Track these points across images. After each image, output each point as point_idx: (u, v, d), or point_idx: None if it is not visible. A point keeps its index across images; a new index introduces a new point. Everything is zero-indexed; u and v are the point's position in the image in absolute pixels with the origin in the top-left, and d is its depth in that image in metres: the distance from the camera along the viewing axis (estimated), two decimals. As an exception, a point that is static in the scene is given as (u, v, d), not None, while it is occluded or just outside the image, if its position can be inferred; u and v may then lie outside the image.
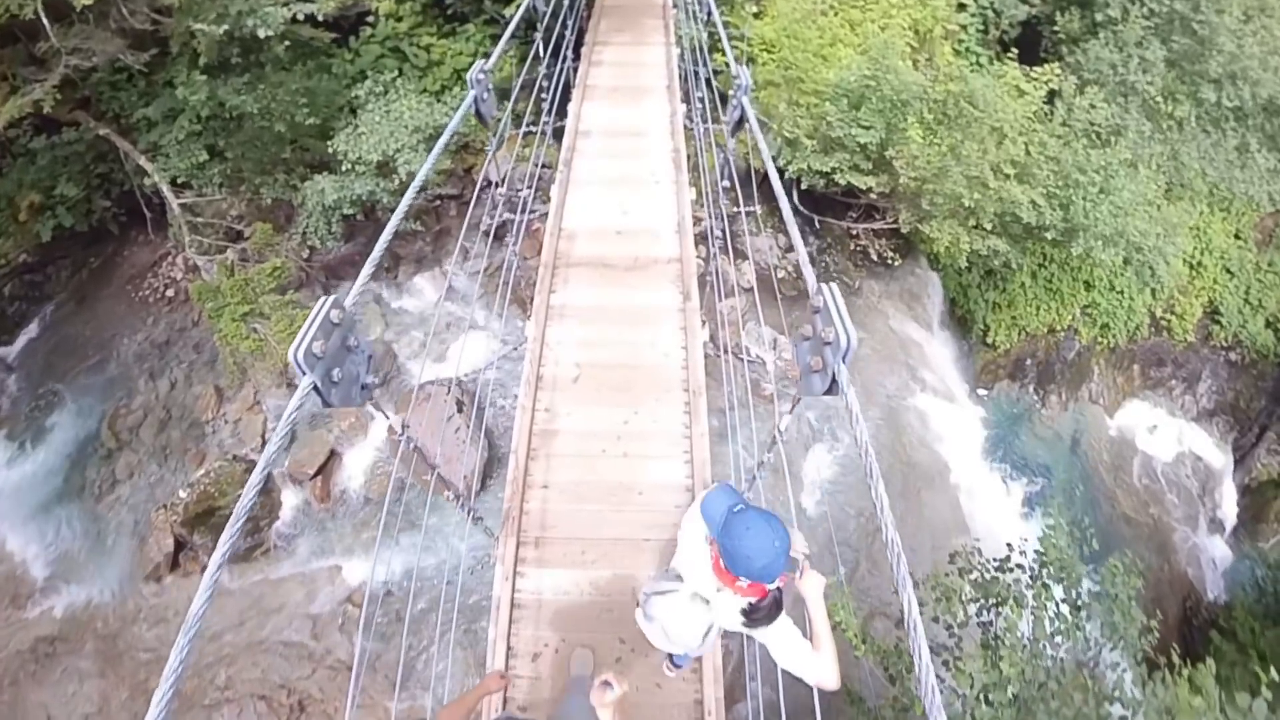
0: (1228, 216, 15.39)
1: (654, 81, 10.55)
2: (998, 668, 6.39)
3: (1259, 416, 17.73)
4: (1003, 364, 15.36)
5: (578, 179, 8.48)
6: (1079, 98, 12.05)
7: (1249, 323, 16.33)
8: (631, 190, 8.42)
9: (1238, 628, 13.85)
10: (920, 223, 11.97)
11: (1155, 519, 15.81)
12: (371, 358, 2.76)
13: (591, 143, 9.14)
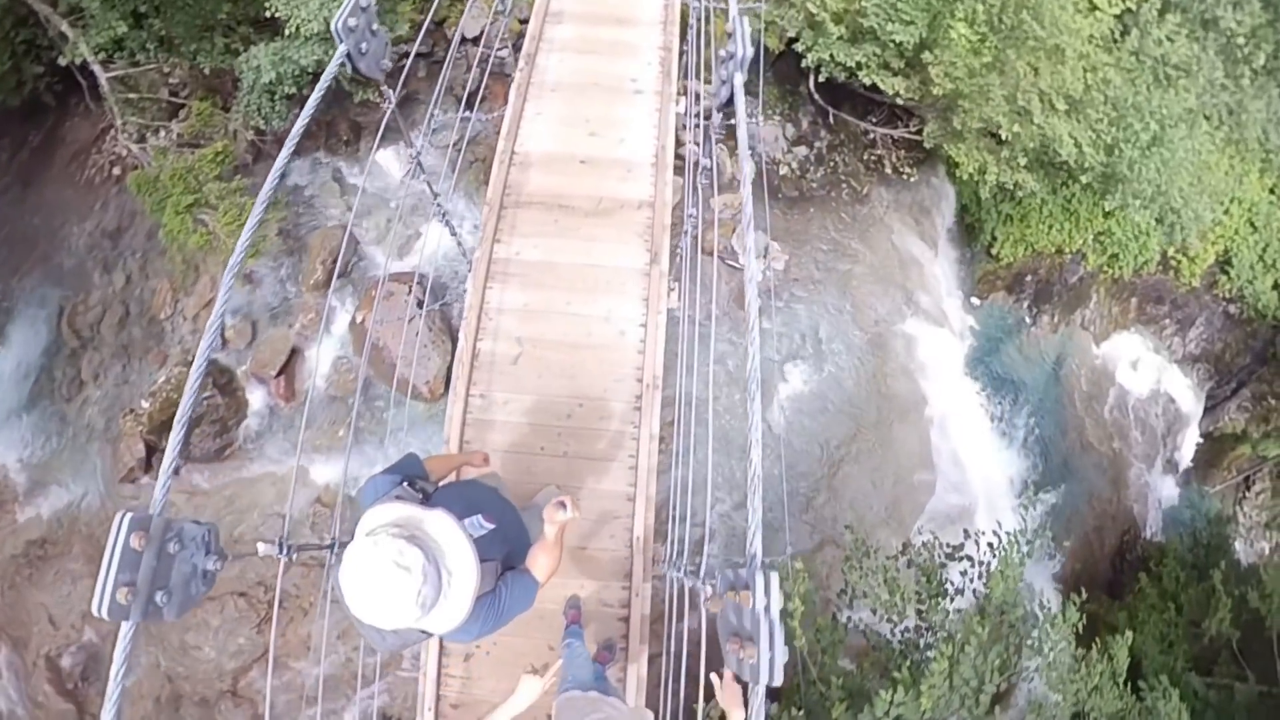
0: (1268, 169, 13.26)
1: None
2: (919, 700, 5.54)
3: (1239, 372, 16.93)
4: (1003, 277, 13.92)
5: (540, 82, 6.54)
6: (1158, 26, 9.53)
7: (1257, 280, 14.88)
8: (606, 100, 6.54)
9: (1165, 574, 13.48)
10: (946, 140, 9.94)
11: (1115, 452, 15.03)
12: (388, 44, 3.24)
13: (562, 30, 7.07)
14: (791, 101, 10.90)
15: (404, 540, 1.95)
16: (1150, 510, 16.12)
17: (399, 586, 1.90)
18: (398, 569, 1.91)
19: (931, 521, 10.33)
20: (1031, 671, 6.63)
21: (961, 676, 5.90)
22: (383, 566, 1.91)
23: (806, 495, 9.67)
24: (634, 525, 5.00)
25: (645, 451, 5.10)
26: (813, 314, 9.95)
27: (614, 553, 4.99)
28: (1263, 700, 11.64)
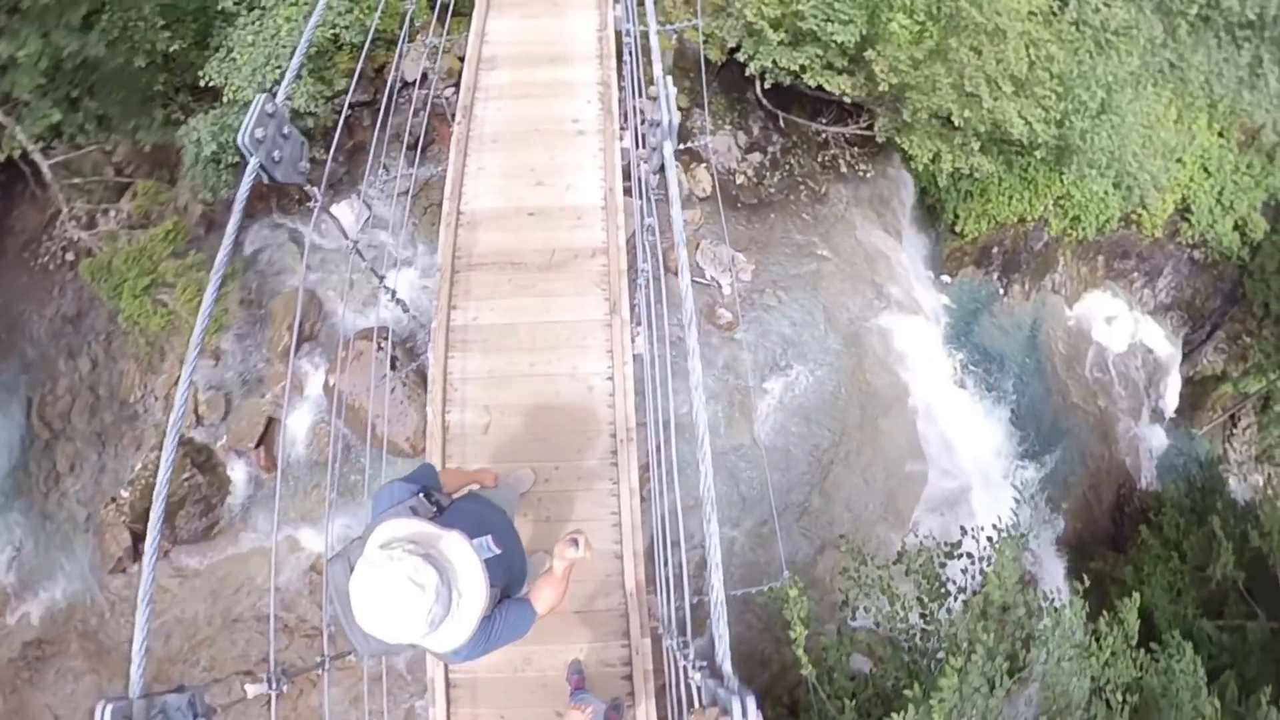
0: (1214, 116, 13.41)
1: None
2: (930, 715, 5.47)
3: (1212, 315, 17.07)
4: (969, 252, 13.92)
5: (479, 134, 6.37)
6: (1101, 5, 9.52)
7: (1218, 223, 15.03)
8: (549, 146, 6.39)
9: (1165, 523, 13.57)
10: (898, 133, 9.87)
11: (1101, 409, 15.09)
12: (304, 144, 3.06)
13: (497, 76, 6.89)
14: (740, 110, 10.79)
15: (420, 558, 1.97)
16: (1143, 461, 16.20)
17: (412, 604, 1.92)
18: (412, 586, 1.93)
19: (928, 510, 10.31)
20: (1041, 665, 6.56)
21: (971, 685, 5.83)
22: (398, 582, 1.93)
23: (800, 503, 9.59)
24: (625, 581, 4.89)
25: (627, 507, 4.99)
26: (785, 320, 9.86)
27: (609, 611, 4.89)
28: (1275, 636, 11.72)
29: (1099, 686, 7.05)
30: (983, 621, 6.35)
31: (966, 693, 5.81)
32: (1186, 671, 7.84)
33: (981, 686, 5.87)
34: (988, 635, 6.06)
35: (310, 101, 9.63)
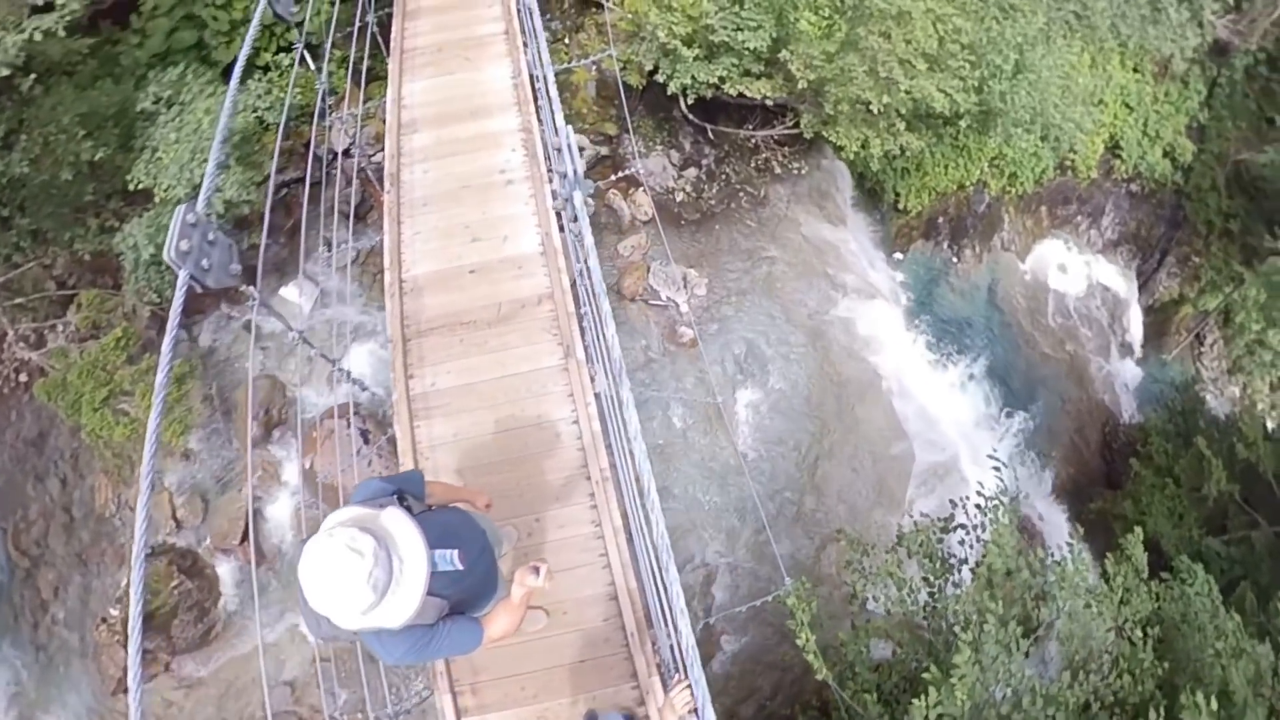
0: (1125, 53, 13.96)
1: (491, 27, 8.00)
2: (954, 694, 5.43)
3: (1159, 242, 17.38)
4: (916, 226, 14.12)
5: (410, 200, 6.35)
6: None
7: (1148, 154, 15.47)
8: (480, 201, 6.38)
9: (1154, 452, 13.71)
10: (823, 127, 9.98)
11: (1071, 354, 15.30)
12: (233, 246, 3.08)
13: (420, 138, 6.88)
14: (669, 128, 10.88)
15: (356, 529, 2.09)
16: (1121, 396, 16.44)
17: (351, 569, 2.01)
18: (350, 552, 2.03)
19: (921, 487, 10.34)
20: (1055, 620, 6.56)
21: (989, 655, 5.82)
22: (336, 550, 2.03)
23: (794, 503, 9.56)
24: (624, 622, 4.82)
25: (614, 547, 4.94)
26: (746, 328, 9.88)
27: (614, 655, 4.82)
28: None
29: (1118, 626, 7.06)
30: (989, 590, 6.34)
31: (986, 664, 5.79)
32: (1201, 594, 7.86)
33: (999, 655, 5.86)
34: (996, 604, 6.05)
35: (242, 190, 9.55)
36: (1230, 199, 17.14)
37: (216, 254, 3.07)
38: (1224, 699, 6.70)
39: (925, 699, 5.52)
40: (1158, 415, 15.24)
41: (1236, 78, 16.20)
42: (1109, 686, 6.45)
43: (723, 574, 8.66)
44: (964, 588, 7.04)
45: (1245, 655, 7.03)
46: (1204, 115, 16.09)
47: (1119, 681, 6.47)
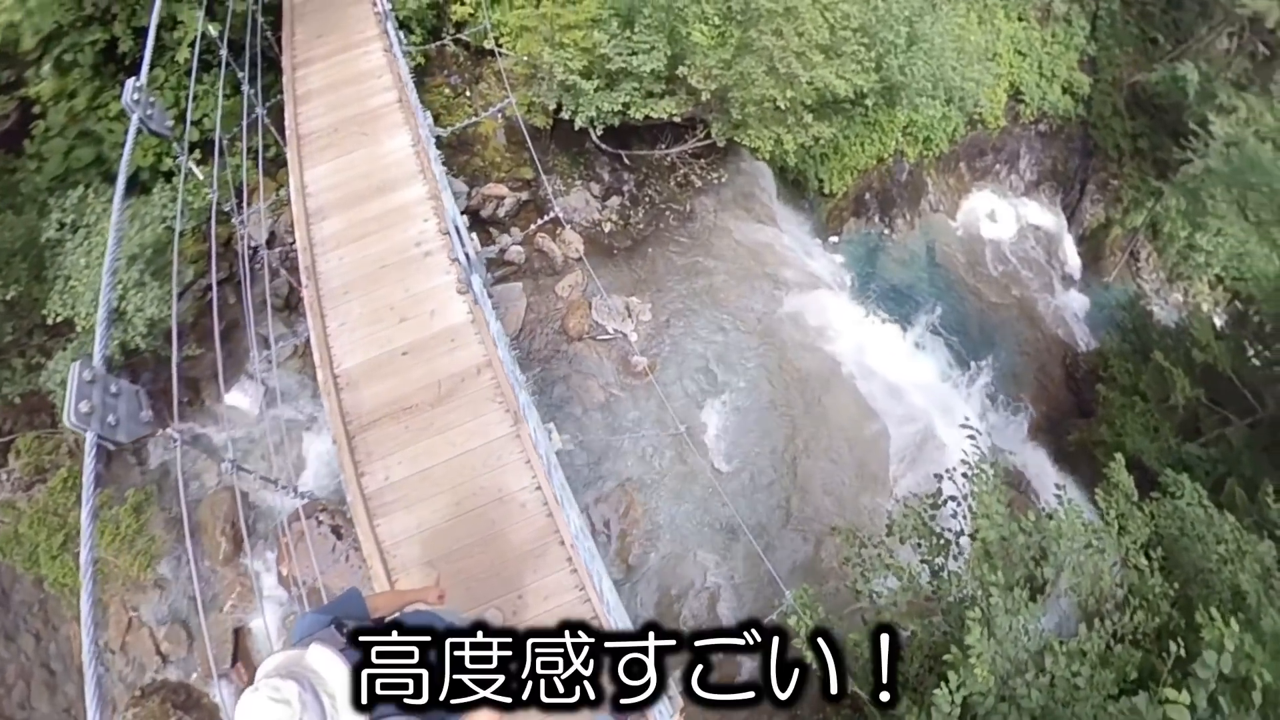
0: (1009, 6, 14.34)
1: (383, 98, 7.82)
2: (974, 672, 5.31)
3: (1077, 174, 17.78)
4: (844, 207, 14.22)
5: (330, 291, 6.10)
6: None
7: (1048, 94, 15.99)
8: (401, 278, 6.19)
9: (1116, 374, 13.88)
10: (736, 132, 9.96)
11: (1018, 297, 15.51)
12: (139, 391, 2.90)
13: (330, 225, 6.67)
14: (584, 162, 10.75)
15: (279, 678, 2.03)
16: (1073, 327, 16.70)
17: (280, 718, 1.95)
18: (274, 704, 1.97)
19: (902, 463, 10.27)
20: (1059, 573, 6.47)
21: (1001, 627, 5.71)
22: (261, 705, 1.97)
23: (780, 507, 9.38)
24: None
25: (604, 606, 4.70)
26: (698, 344, 9.75)
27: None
28: (1254, 429, 12.04)
29: (1123, 558, 7.02)
30: (988, 562, 6.23)
31: (1000, 635, 5.68)
32: (1192, 503, 7.87)
33: (1011, 624, 5.75)
34: (996, 574, 5.94)
35: (163, 305, 9.16)
36: (1133, 120, 17.66)
37: (123, 405, 2.89)
38: (1238, 601, 6.70)
39: (947, 685, 5.38)
40: (1112, 338, 15.48)
41: (1114, 8, 16.73)
42: (1126, 624, 6.39)
43: (726, 593, 8.46)
44: (965, 559, 6.94)
45: (1248, 554, 7.05)
46: (1092, 48, 16.60)
47: (1135, 617, 6.41)
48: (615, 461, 8.56)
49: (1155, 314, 17.17)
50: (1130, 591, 6.83)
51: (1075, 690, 5.67)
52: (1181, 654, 5.21)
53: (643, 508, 8.37)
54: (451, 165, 11.02)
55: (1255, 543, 7.24)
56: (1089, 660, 5.95)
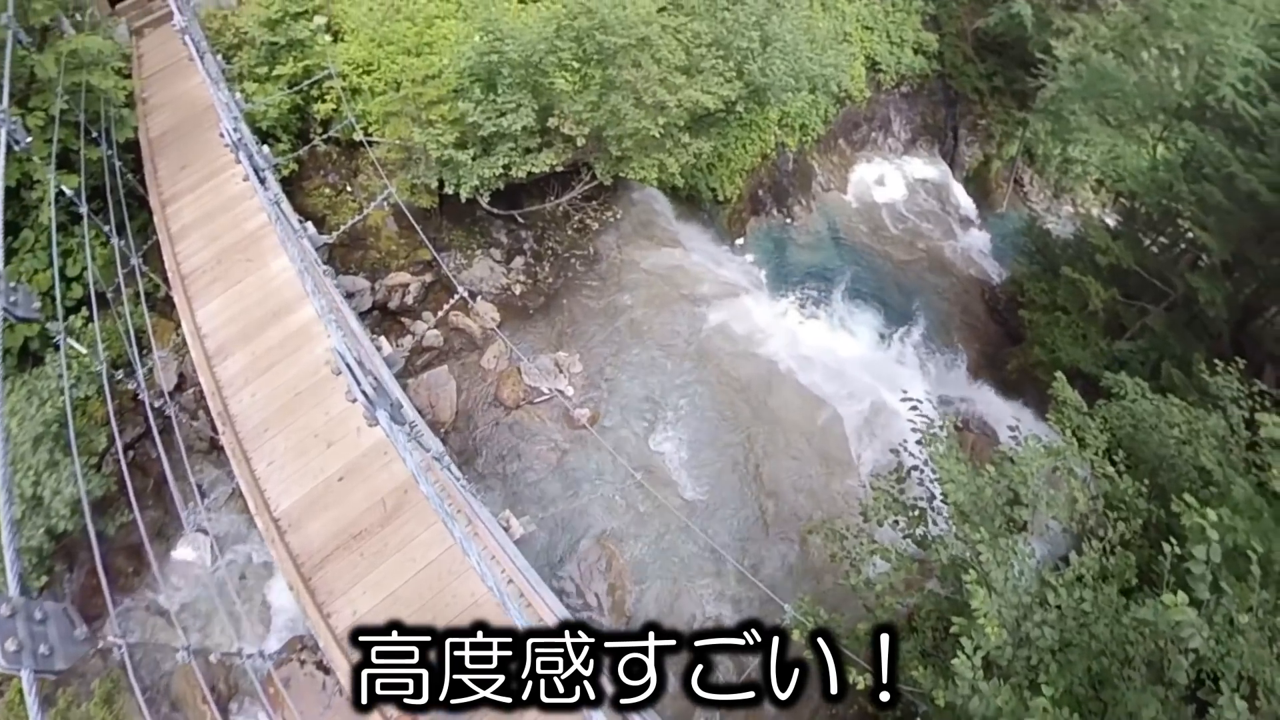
0: None
1: (259, 219, 7.64)
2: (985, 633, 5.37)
3: (947, 123, 18.66)
4: (741, 209, 14.56)
5: (248, 431, 5.83)
6: None
7: (902, 58, 16.75)
8: (318, 402, 6.11)
9: (1034, 296, 14.39)
10: (619, 166, 10.05)
11: (925, 249, 16.05)
12: (67, 609, 2.68)
13: (233, 363, 6.45)
14: (479, 230, 10.68)
15: None
16: (982, 263, 17.37)
17: None
18: None
19: (861, 440, 10.43)
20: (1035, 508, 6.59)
21: (999, 580, 5.77)
22: None
23: (756, 517, 9.35)
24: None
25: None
26: (635, 383, 9.76)
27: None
28: (1171, 311, 12.65)
29: (1091, 471, 7.21)
30: (966, 522, 6.32)
31: (1000, 588, 5.73)
32: (1136, 397, 8.21)
33: (1007, 574, 5.83)
34: (979, 532, 6.02)
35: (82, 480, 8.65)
36: (984, 62, 18.67)
37: (53, 630, 2.67)
38: (1205, 478, 6.95)
39: (964, 652, 5.37)
40: (1020, 263, 16.09)
41: None
42: (1112, 535, 6.56)
43: (728, 614, 8.36)
44: (944, 518, 7.01)
45: (1201, 431, 7.37)
46: (931, 6, 17.51)
47: (1118, 527, 6.59)
48: (585, 519, 8.41)
49: (1053, 230, 18.01)
50: (1107, 501, 7.02)
51: (1084, 615, 5.78)
52: (1177, 552, 5.33)
53: (624, 557, 8.23)
54: (348, 263, 10.78)
55: (1204, 418, 7.56)
56: (1087, 583, 6.06)
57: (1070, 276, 13.15)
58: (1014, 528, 6.69)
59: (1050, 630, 5.69)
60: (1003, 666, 5.62)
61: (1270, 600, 5.06)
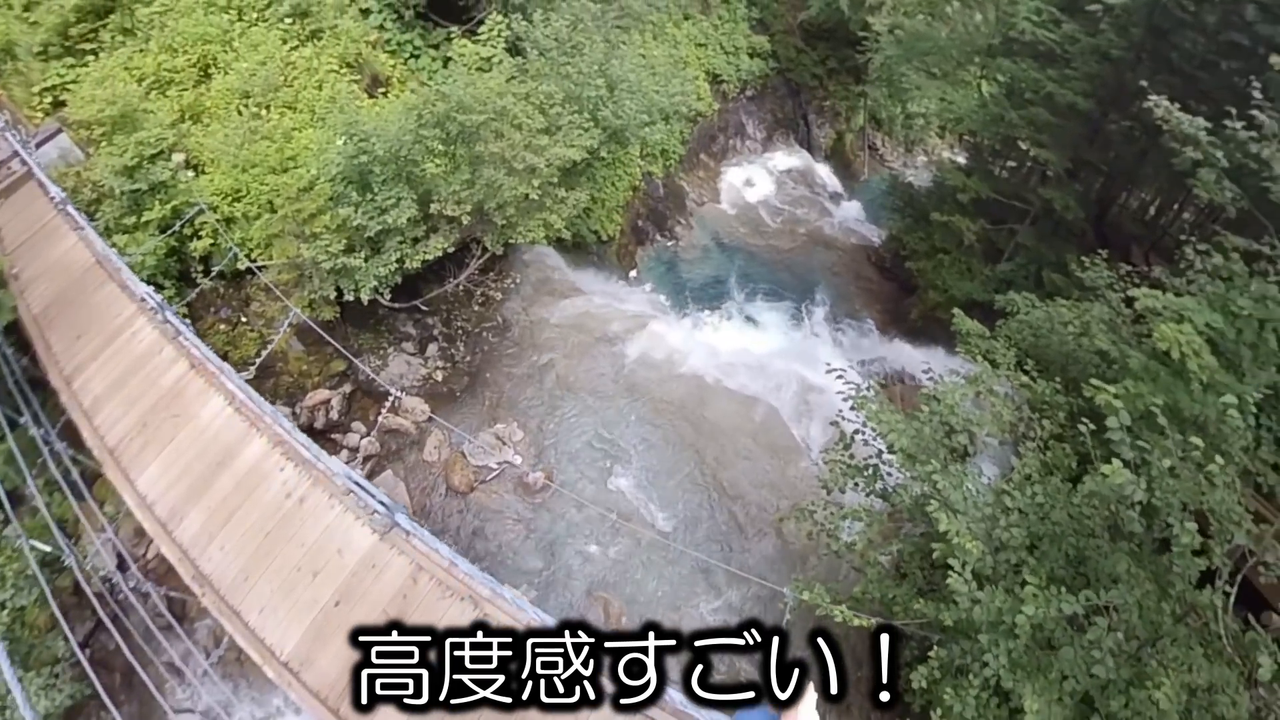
0: (668, 15, 16.54)
1: (174, 371, 7.64)
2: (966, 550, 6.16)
3: (796, 113, 20.72)
4: (627, 243, 15.52)
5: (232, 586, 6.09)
6: (543, 25, 11.24)
7: (740, 65, 18.48)
8: (290, 537, 6.40)
9: (913, 246, 15.93)
10: (507, 234, 10.75)
11: (806, 233, 17.45)
12: None
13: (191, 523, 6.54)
14: (387, 327, 11.05)
15: None
16: (861, 230, 19.05)
17: None
18: None
19: (801, 424, 11.33)
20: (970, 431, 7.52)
21: (959, 500, 6.64)
22: None
23: (728, 523, 10.00)
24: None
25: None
26: (575, 435, 10.40)
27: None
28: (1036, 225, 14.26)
29: (1010, 385, 8.21)
30: (915, 463, 7.17)
31: (962, 507, 6.56)
32: (1027, 309, 9.46)
33: (964, 494, 6.72)
34: (929, 463, 6.89)
35: (50, 693, 8.48)
36: (815, 50, 20.68)
37: None
38: (1105, 359, 8.08)
39: (954, 571, 6.08)
40: (894, 220, 17.68)
41: None
42: (1044, 433, 7.57)
43: (730, 617, 8.89)
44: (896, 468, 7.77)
45: (1091, 321, 8.59)
46: (756, 11, 19.32)
47: (1045, 425, 7.63)
48: (569, 578, 8.88)
49: (914, 182, 19.86)
50: (1031, 406, 8.08)
51: (1041, 507, 6.75)
52: (1092, 428, 6.33)
53: (618, 602, 8.72)
54: (263, 393, 10.84)
55: (1090, 309, 8.85)
56: (1035, 479, 7.03)
57: (940, 220, 14.66)
58: (958, 456, 7.63)
59: (1017, 530, 6.62)
60: (989, 575, 6.46)
61: (1183, 440, 5.99)
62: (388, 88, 12.23)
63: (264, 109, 10.81)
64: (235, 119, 10.50)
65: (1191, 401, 6.60)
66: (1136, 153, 13.37)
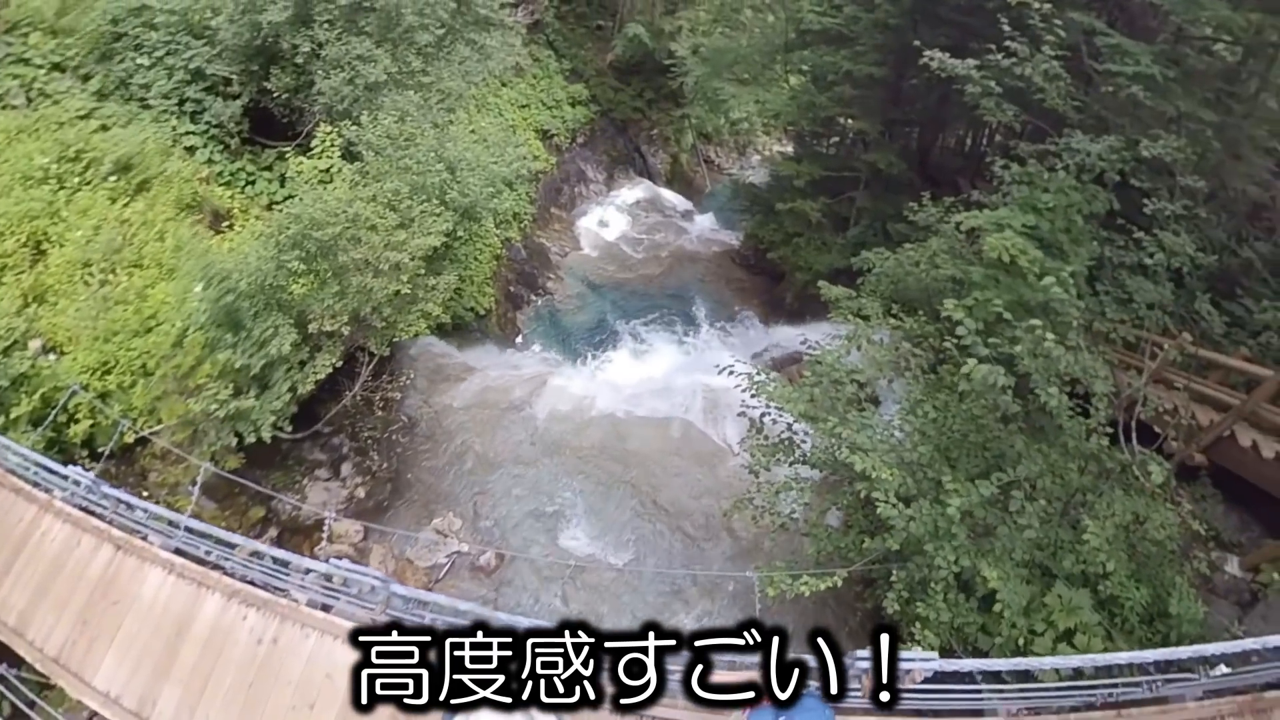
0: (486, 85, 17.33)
1: (101, 558, 7.53)
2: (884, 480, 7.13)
3: (628, 147, 22.95)
4: (504, 311, 16.39)
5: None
6: (373, 125, 11.85)
7: (565, 115, 20.47)
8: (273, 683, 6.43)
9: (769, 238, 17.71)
10: (388, 333, 11.37)
11: (670, 254, 19.19)
12: None
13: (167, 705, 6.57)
14: (295, 458, 11.19)
15: None
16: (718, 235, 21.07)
17: None
18: None
19: (719, 426, 12.37)
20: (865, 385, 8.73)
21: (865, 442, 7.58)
22: None
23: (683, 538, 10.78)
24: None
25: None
26: (510, 505, 10.95)
27: None
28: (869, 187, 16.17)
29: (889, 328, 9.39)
30: (815, 423, 8.20)
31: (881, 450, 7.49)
32: (880, 263, 10.99)
33: (870, 434, 7.74)
34: (827, 421, 7.91)
35: None
36: (630, 86, 22.67)
37: None
38: (955, 283, 9.47)
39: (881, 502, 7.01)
40: (746, 220, 19.64)
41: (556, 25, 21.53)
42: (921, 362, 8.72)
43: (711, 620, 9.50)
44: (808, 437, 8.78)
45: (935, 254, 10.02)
46: (565, 63, 21.28)
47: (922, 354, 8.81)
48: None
49: (754, 182, 21.90)
50: (910, 341, 9.14)
51: (936, 422, 7.95)
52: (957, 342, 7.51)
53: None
54: (185, 562, 10.78)
55: (931, 244, 10.31)
56: (924, 400, 8.27)
57: (786, 208, 16.43)
58: (856, 405, 8.66)
59: (924, 449, 7.68)
60: (914, 495, 7.34)
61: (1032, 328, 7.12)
62: (231, 220, 12.55)
63: (110, 273, 10.83)
64: (83, 290, 10.51)
65: (1033, 292, 8.02)
66: (937, 100, 15.62)
